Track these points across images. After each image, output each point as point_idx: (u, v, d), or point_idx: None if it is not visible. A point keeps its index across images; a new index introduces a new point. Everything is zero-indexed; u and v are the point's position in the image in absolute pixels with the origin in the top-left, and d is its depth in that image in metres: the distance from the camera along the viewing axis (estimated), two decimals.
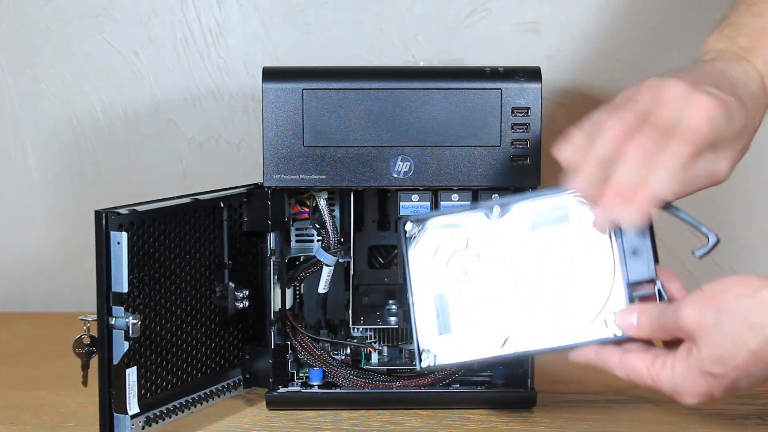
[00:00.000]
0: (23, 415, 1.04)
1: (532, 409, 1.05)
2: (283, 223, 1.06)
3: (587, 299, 0.90)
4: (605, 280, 0.90)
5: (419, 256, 0.94)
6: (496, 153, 1.02)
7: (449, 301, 0.93)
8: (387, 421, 1.02)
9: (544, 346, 0.90)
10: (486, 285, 0.92)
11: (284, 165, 1.02)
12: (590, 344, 0.89)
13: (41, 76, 1.40)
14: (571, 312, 0.90)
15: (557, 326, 0.90)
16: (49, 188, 1.42)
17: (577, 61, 1.39)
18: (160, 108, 1.40)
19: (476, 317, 0.92)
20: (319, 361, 1.07)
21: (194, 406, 1.02)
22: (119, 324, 0.92)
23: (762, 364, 0.81)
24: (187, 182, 1.41)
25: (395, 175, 1.02)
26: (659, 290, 0.89)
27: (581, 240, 0.91)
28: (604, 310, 0.89)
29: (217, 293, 1.04)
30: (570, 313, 0.90)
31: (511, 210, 0.93)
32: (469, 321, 0.92)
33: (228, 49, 1.39)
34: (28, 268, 1.44)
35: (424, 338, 0.93)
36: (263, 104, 1.02)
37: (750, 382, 0.83)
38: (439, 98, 1.02)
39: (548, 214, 0.92)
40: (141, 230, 0.94)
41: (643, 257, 0.90)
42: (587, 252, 0.90)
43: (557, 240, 0.91)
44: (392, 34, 1.38)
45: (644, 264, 0.90)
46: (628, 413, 1.04)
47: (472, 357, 0.92)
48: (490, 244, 0.93)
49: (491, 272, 0.92)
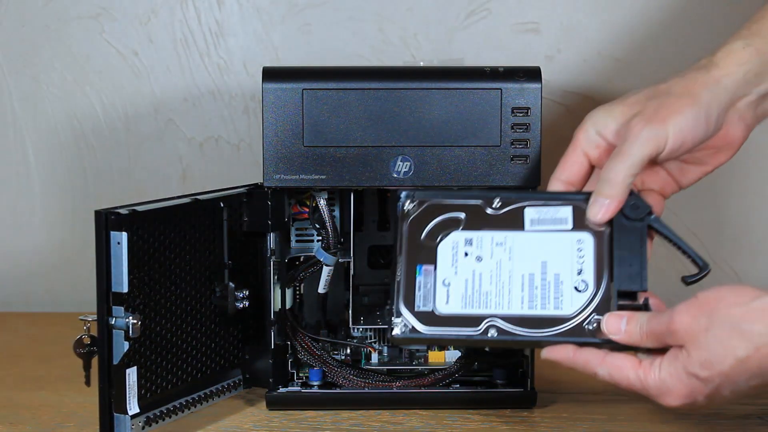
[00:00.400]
0: (23, 415, 1.04)
1: (532, 409, 1.05)
2: (283, 223, 1.06)
3: (574, 300, 0.91)
4: (594, 285, 0.91)
5: (412, 229, 0.94)
6: (496, 153, 1.02)
7: (435, 278, 0.93)
8: (387, 421, 1.02)
9: (523, 336, 0.90)
10: (474, 269, 0.93)
11: (284, 165, 1.02)
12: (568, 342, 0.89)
13: (41, 76, 1.40)
14: (556, 309, 0.91)
15: (540, 322, 0.90)
16: (49, 188, 1.42)
17: (577, 61, 1.39)
18: (160, 108, 1.40)
19: (459, 298, 0.92)
20: (319, 361, 1.07)
21: (194, 406, 1.02)
22: (119, 324, 0.92)
23: (746, 374, 0.82)
24: (187, 182, 1.41)
25: (395, 175, 1.02)
26: (645, 302, 0.90)
27: (576, 242, 0.92)
28: (591, 314, 0.90)
29: (217, 293, 1.04)
30: (555, 310, 0.91)
31: (511, 205, 0.93)
32: (451, 300, 0.92)
33: (228, 49, 1.39)
34: (28, 268, 1.44)
35: (402, 307, 0.93)
36: (263, 104, 1.02)
37: (732, 392, 0.84)
38: (439, 98, 1.02)
39: (548, 215, 0.93)
40: (141, 230, 0.94)
41: (636, 268, 0.91)
42: (580, 255, 0.91)
43: (552, 239, 0.92)
44: (392, 34, 1.38)
45: (637, 275, 0.91)
46: (628, 413, 1.04)
47: (448, 335, 0.92)
48: (485, 232, 0.93)
49: (481, 258, 0.93)
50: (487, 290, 0.92)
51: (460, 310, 0.92)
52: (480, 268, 0.93)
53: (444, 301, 0.92)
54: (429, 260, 0.93)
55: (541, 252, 0.92)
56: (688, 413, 1.03)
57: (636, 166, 0.90)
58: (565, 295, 0.91)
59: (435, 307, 0.92)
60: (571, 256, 0.92)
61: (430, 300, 0.92)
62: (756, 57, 0.94)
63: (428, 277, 0.93)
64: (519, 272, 0.92)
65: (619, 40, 1.39)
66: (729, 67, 0.93)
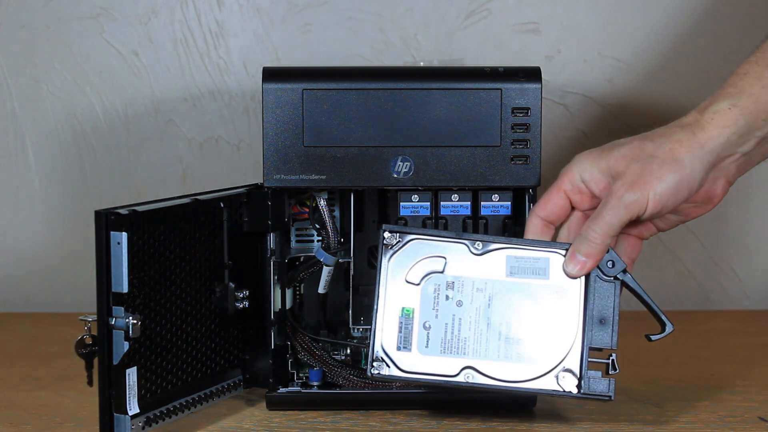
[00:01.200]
0: (23, 415, 1.04)
1: (532, 409, 1.04)
2: (283, 223, 1.06)
3: (547, 351, 0.95)
4: (567, 338, 0.95)
5: (395, 267, 0.97)
6: (496, 153, 1.02)
7: (414, 319, 0.96)
8: (387, 421, 1.02)
9: (495, 384, 0.95)
10: (454, 313, 0.96)
11: (284, 165, 1.02)
12: (540, 393, 0.96)
13: (41, 76, 1.40)
14: (529, 359, 0.95)
15: (513, 369, 0.95)
16: (49, 188, 1.42)
17: (577, 61, 1.39)
18: (160, 108, 1.40)
19: (438, 341, 0.96)
20: (319, 362, 1.07)
21: (194, 406, 1.02)
22: (119, 324, 0.92)
23: None
24: (187, 182, 1.41)
25: (395, 176, 1.02)
26: (613, 361, 0.95)
27: (553, 294, 0.96)
28: (559, 366, 0.95)
29: (217, 293, 1.04)
30: (528, 360, 0.95)
31: (493, 250, 0.97)
32: (430, 343, 0.96)
33: (228, 49, 1.39)
34: (29, 269, 1.44)
35: (381, 347, 0.96)
36: (263, 104, 1.02)
37: None
38: (439, 98, 1.02)
39: (528, 264, 0.96)
40: (141, 230, 0.94)
41: (609, 327, 0.96)
42: (556, 308, 0.96)
43: (530, 289, 0.96)
44: (392, 34, 1.38)
45: (608, 333, 0.96)
46: (628, 413, 1.04)
47: (424, 377, 0.96)
48: (466, 276, 0.96)
49: (461, 302, 0.96)
50: (465, 336, 0.96)
51: (438, 354, 0.96)
52: (460, 314, 0.96)
53: (424, 345, 0.96)
54: (408, 302, 0.96)
55: (519, 300, 0.96)
56: (689, 413, 1.03)
57: (615, 229, 0.95)
58: (540, 346, 0.95)
59: (413, 348, 0.96)
60: (549, 307, 0.96)
61: (409, 342, 0.96)
62: (742, 118, 0.95)
63: (407, 319, 0.96)
64: (497, 320, 0.96)
65: (619, 40, 1.39)
66: (714, 130, 0.95)
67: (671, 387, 1.11)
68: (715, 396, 1.08)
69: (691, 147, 0.94)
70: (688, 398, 1.07)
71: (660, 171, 0.93)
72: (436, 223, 1.05)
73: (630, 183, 0.94)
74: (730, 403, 1.06)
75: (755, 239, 1.43)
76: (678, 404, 1.05)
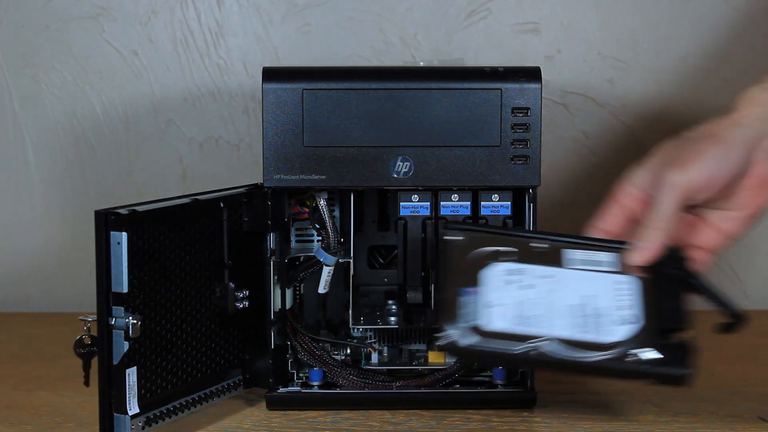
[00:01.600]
0: (23, 415, 1.04)
1: (532, 409, 1.04)
2: (283, 223, 1.06)
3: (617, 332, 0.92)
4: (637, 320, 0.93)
5: (460, 251, 0.96)
6: (496, 153, 1.02)
7: (483, 297, 0.93)
8: (387, 421, 1.02)
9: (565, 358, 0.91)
10: (524, 294, 0.94)
11: (284, 165, 1.02)
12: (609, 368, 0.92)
13: (41, 76, 1.40)
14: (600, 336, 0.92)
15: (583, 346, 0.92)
16: (49, 188, 1.42)
17: (577, 61, 1.39)
18: (160, 108, 1.40)
19: (505, 319, 0.93)
20: (319, 362, 1.07)
21: (194, 406, 1.02)
22: (119, 324, 0.92)
23: None
24: (187, 182, 1.41)
25: (395, 176, 1.02)
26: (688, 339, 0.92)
27: (617, 283, 0.95)
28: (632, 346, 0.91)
29: (217, 293, 1.04)
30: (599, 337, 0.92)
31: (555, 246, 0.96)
32: (499, 319, 0.93)
33: (228, 49, 1.39)
34: (28, 268, 1.44)
35: (450, 321, 0.92)
36: (263, 104, 1.02)
37: None
38: (439, 98, 1.02)
39: (589, 257, 0.96)
40: (141, 230, 0.94)
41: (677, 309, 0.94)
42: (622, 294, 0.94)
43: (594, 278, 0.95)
44: (392, 34, 1.38)
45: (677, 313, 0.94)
46: (628, 413, 1.04)
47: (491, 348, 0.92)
48: (533, 266, 0.95)
49: (531, 286, 0.94)
50: (534, 314, 0.93)
51: (504, 330, 0.92)
52: (529, 295, 0.94)
53: (492, 319, 0.93)
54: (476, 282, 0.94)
55: (585, 287, 0.95)
56: (689, 413, 1.03)
57: (670, 211, 0.95)
58: (609, 325, 0.93)
59: (480, 324, 0.93)
60: (613, 293, 0.94)
61: (476, 317, 0.93)
62: None
63: (475, 297, 0.94)
64: (566, 301, 0.94)
65: (619, 40, 1.39)
66: (747, 108, 0.98)
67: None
68: (715, 396, 1.08)
69: (727, 126, 0.97)
70: (688, 398, 1.07)
71: (699, 147, 0.96)
72: (436, 223, 1.05)
73: (674, 165, 0.95)
74: (730, 403, 1.06)
75: (755, 239, 1.43)
76: (678, 404, 1.05)
